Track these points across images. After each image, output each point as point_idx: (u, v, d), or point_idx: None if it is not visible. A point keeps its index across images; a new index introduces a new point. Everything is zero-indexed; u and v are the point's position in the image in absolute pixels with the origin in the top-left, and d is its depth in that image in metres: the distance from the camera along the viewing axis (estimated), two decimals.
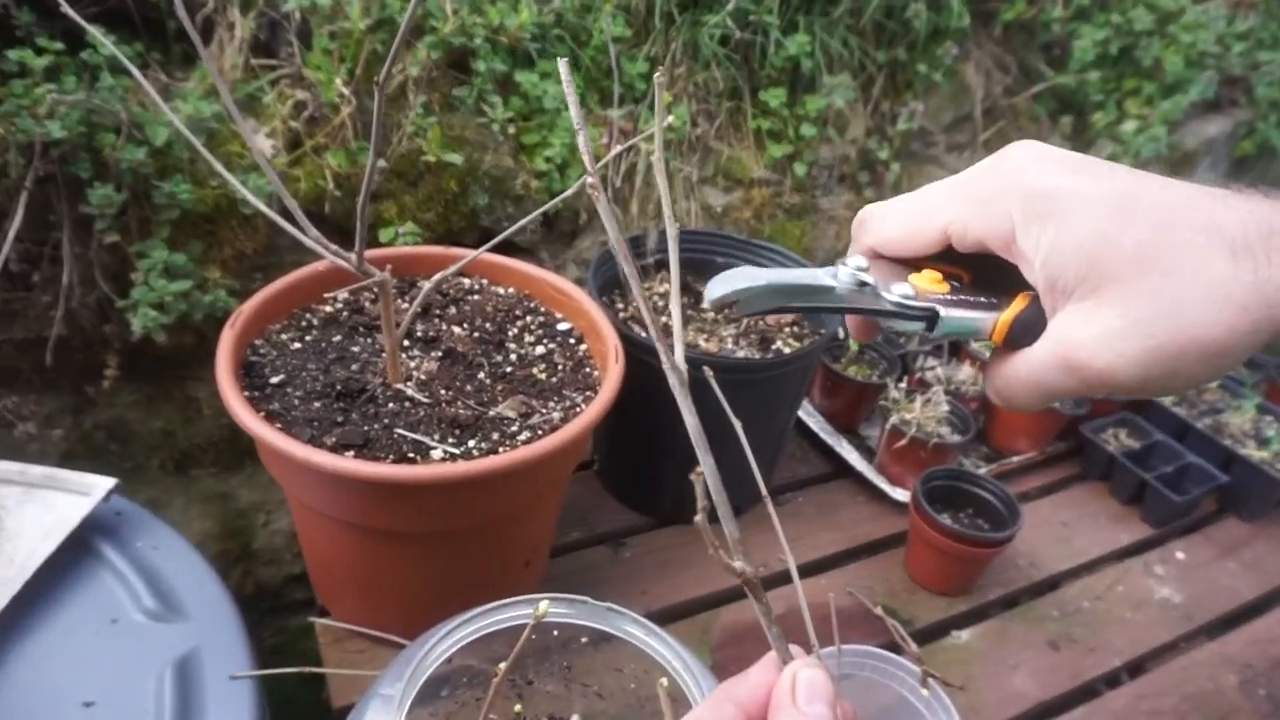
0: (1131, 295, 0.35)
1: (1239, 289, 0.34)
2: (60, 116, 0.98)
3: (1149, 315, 0.35)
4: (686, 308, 1.20)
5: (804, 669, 0.34)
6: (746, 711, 0.34)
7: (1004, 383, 0.41)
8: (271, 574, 1.38)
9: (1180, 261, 0.34)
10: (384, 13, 1.19)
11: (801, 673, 0.34)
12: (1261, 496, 1.39)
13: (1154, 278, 0.34)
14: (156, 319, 1.04)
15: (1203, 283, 0.34)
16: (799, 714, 0.33)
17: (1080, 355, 0.36)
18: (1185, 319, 0.34)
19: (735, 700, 0.35)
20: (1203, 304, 0.34)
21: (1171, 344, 0.34)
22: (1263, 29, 1.99)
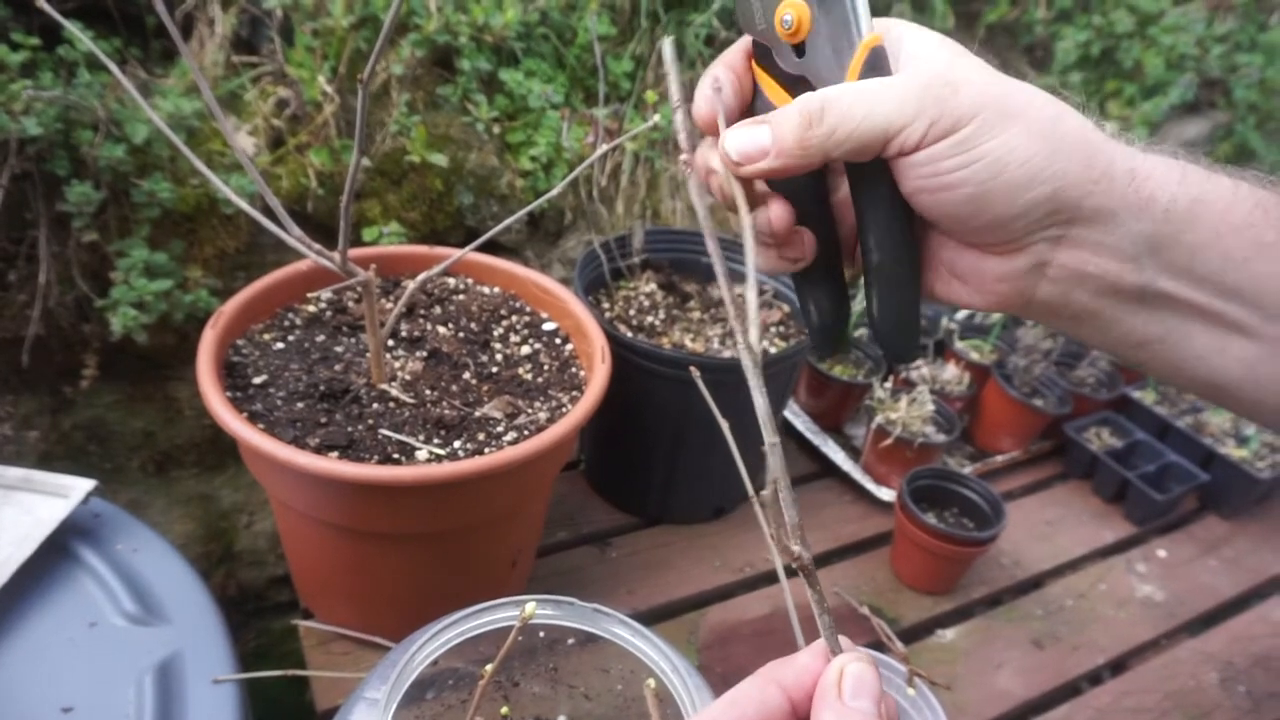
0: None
1: (1073, 127, 0.39)
2: (37, 113, 0.96)
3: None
4: (672, 307, 1.20)
5: (853, 663, 0.34)
6: (790, 696, 0.34)
7: (845, 107, 0.39)
8: (254, 576, 1.36)
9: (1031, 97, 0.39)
10: (367, 10, 1.18)
11: (850, 666, 0.34)
12: (1241, 495, 1.40)
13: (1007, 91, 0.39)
14: (136, 318, 1.02)
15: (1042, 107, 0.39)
16: (844, 708, 0.33)
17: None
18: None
19: (780, 683, 0.34)
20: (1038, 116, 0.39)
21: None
22: (1241, 32, 2.01)
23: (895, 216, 0.43)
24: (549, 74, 1.33)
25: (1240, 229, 0.39)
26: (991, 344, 1.53)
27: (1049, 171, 0.38)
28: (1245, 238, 0.39)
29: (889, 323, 0.45)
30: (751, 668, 1.06)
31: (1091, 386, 1.54)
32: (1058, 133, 0.39)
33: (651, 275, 1.23)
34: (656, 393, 1.05)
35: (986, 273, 0.43)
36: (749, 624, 1.07)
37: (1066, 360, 1.56)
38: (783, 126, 0.40)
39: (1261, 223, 0.39)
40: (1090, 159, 0.39)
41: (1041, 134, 0.38)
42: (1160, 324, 0.42)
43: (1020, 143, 0.38)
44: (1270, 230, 0.39)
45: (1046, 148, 0.38)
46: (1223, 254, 0.39)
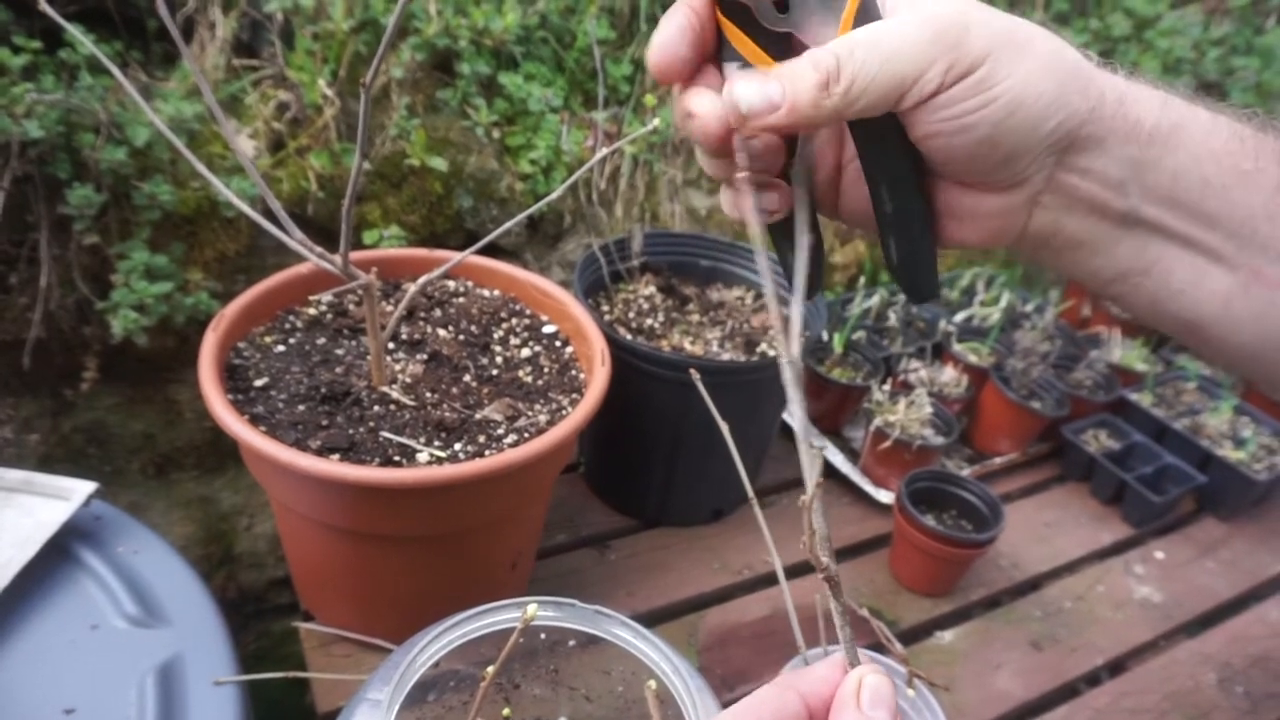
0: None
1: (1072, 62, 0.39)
2: (38, 116, 0.96)
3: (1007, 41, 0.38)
4: (671, 310, 1.20)
5: (871, 674, 0.35)
6: (808, 703, 0.35)
7: (850, 56, 0.38)
8: (254, 578, 1.36)
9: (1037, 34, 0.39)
10: (367, 14, 1.18)
11: (868, 678, 0.35)
12: (1238, 496, 1.41)
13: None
14: (137, 321, 1.02)
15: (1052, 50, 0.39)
16: (863, 716, 0.34)
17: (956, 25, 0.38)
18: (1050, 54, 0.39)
19: (798, 690, 0.35)
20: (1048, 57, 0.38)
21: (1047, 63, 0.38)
22: (1237, 35, 2.02)
23: (906, 165, 0.42)
24: (548, 78, 1.33)
25: (1219, 155, 0.40)
26: (989, 346, 1.53)
27: (1058, 104, 0.39)
28: (1224, 164, 0.40)
29: (909, 268, 0.45)
30: (751, 670, 1.06)
31: (1089, 389, 1.54)
32: (1063, 65, 0.39)
33: (651, 278, 1.24)
34: (655, 395, 1.06)
35: (982, 210, 0.43)
36: (748, 626, 1.08)
37: (1064, 363, 1.56)
38: (797, 83, 0.38)
39: (1239, 151, 0.40)
40: (1086, 88, 0.39)
41: (1049, 67, 0.39)
42: (1142, 254, 0.43)
43: (1036, 78, 0.38)
44: (1248, 159, 0.40)
45: (1055, 80, 0.39)
46: (1203, 179, 0.40)
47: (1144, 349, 1.68)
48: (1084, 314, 1.85)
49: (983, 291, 1.71)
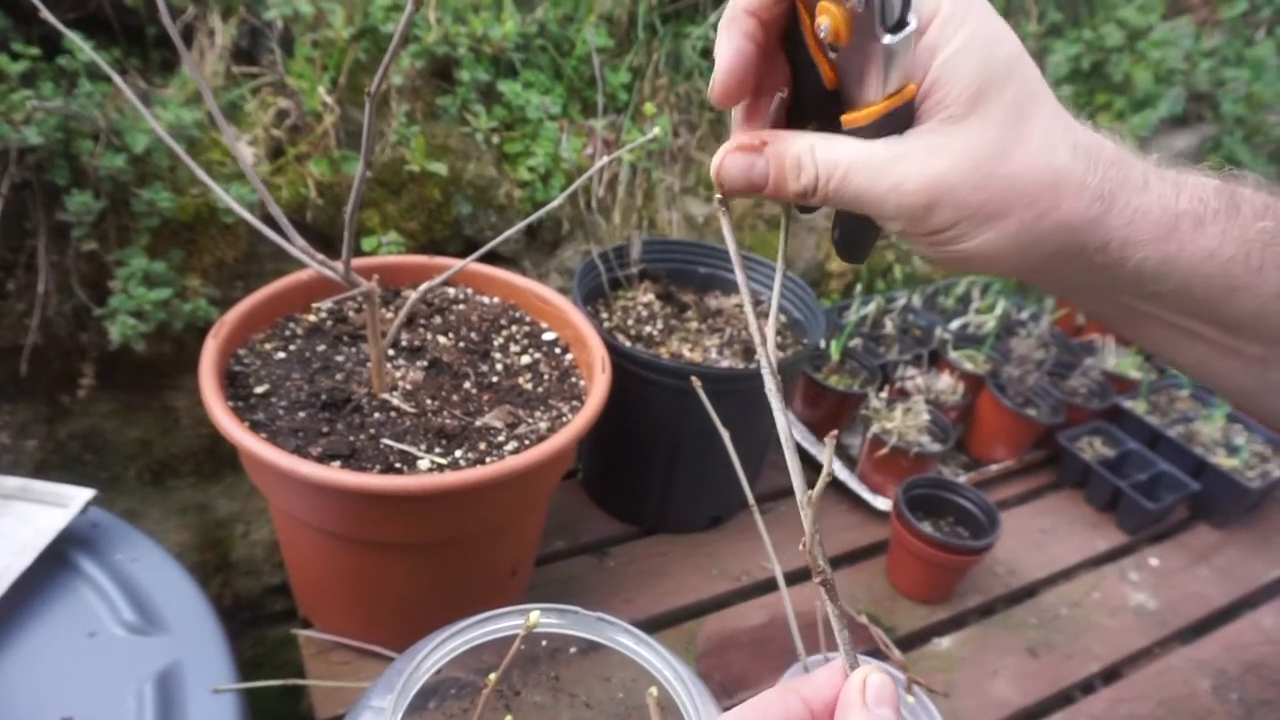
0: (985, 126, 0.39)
1: (1072, 180, 0.40)
2: (37, 122, 0.96)
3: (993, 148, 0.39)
4: (670, 317, 1.20)
5: (874, 673, 0.35)
6: (810, 706, 0.35)
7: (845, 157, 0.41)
8: (250, 585, 1.36)
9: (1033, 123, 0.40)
10: (366, 22, 1.18)
11: (872, 676, 0.35)
12: (1232, 504, 1.42)
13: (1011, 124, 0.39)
14: (135, 327, 1.02)
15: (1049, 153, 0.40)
16: (868, 714, 0.34)
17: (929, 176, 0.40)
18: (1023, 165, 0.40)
19: (801, 693, 0.36)
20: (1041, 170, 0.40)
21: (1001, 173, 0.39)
22: (1228, 47, 2.04)
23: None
24: (547, 85, 1.34)
25: (1212, 277, 0.42)
26: (985, 354, 1.54)
27: (1018, 265, 0.42)
28: (1216, 284, 0.42)
29: (842, 246, 0.50)
30: (750, 676, 1.06)
31: (1084, 396, 1.55)
32: (1038, 231, 0.40)
33: (649, 285, 1.24)
34: (654, 402, 1.06)
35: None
36: (746, 632, 1.08)
37: (1059, 370, 1.57)
38: (783, 178, 0.42)
39: (1240, 269, 0.42)
40: (1067, 245, 0.41)
41: (1018, 236, 0.40)
42: (1124, 315, 0.46)
43: (994, 247, 0.41)
44: (1246, 274, 0.42)
45: (1019, 249, 0.41)
46: (1186, 295, 0.42)
47: (1138, 357, 1.69)
48: (1078, 322, 1.86)
49: (978, 299, 1.72)
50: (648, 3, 1.39)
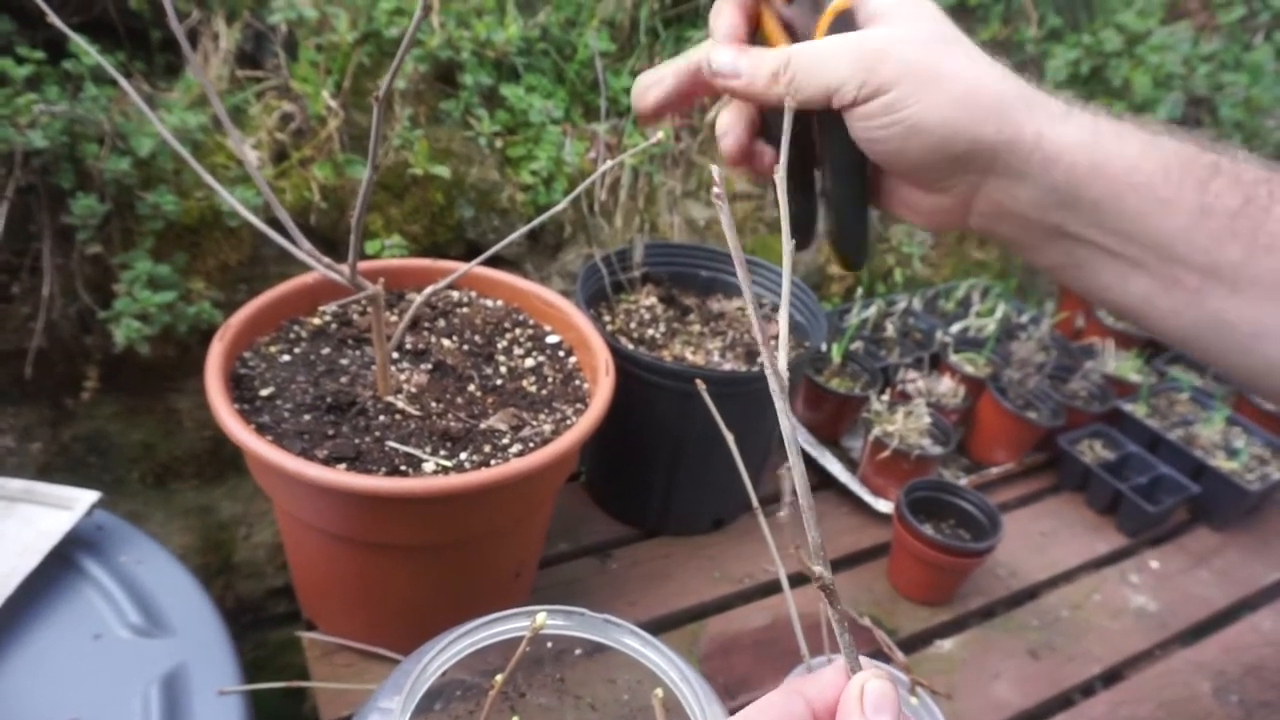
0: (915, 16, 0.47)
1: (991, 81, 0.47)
2: (42, 126, 0.97)
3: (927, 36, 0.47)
4: (672, 320, 1.21)
5: (873, 679, 0.35)
6: (813, 708, 0.36)
7: (806, 63, 0.48)
8: (252, 587, 1.36)
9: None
10: (370, 26, 1.19)
11: (870, 683, 0.35)
12: (1231, 506, 1.42)
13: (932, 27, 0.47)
14: (140, 330, 1.02)
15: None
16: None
17: (893, 58, 0.46)
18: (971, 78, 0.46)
19: (804, 695, 0.36)
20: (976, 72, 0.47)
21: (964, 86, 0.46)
22: (1226, 51, 2.05)
23: (842, 152, 0.52)
24: (549, 89, 1.34)
25: (1139, 187, 0.45)
26: (986, 357, 1.55)
27: (963, 134, 0.46)
28: (1144, 195, 0.45)
29: (836, 236, 0.56)
30: (753, 678, 1.07)
31: (1084, 400, 1.56)
32: (973, 100, 0.46)
33: (651, 289, 1.25)
34: (657, 405, 1.06)
35: (922, 205, 0.52)
36: (750, 634, 1.08)
37: (1059, 374, 1.58)
38: (758, 69, 0.49)
39: (1161, 184, 0.45)
40: (1001, 125, 0.46)
41: (959, 100, 0.46)
42: (1072, 255, 0.49)
43: (940, 108, 0.46)
44: (1169, 189, 0.45)
45: (963, 111, 0.46)
46: (1119, 210, 0.46)
47: (1138, 360, 1.70)
48: (1078, 325, 1.86)
49: (978, 302, 1.73)
50: (649, 7, 1.40)
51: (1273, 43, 2.09)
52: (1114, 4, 1.91)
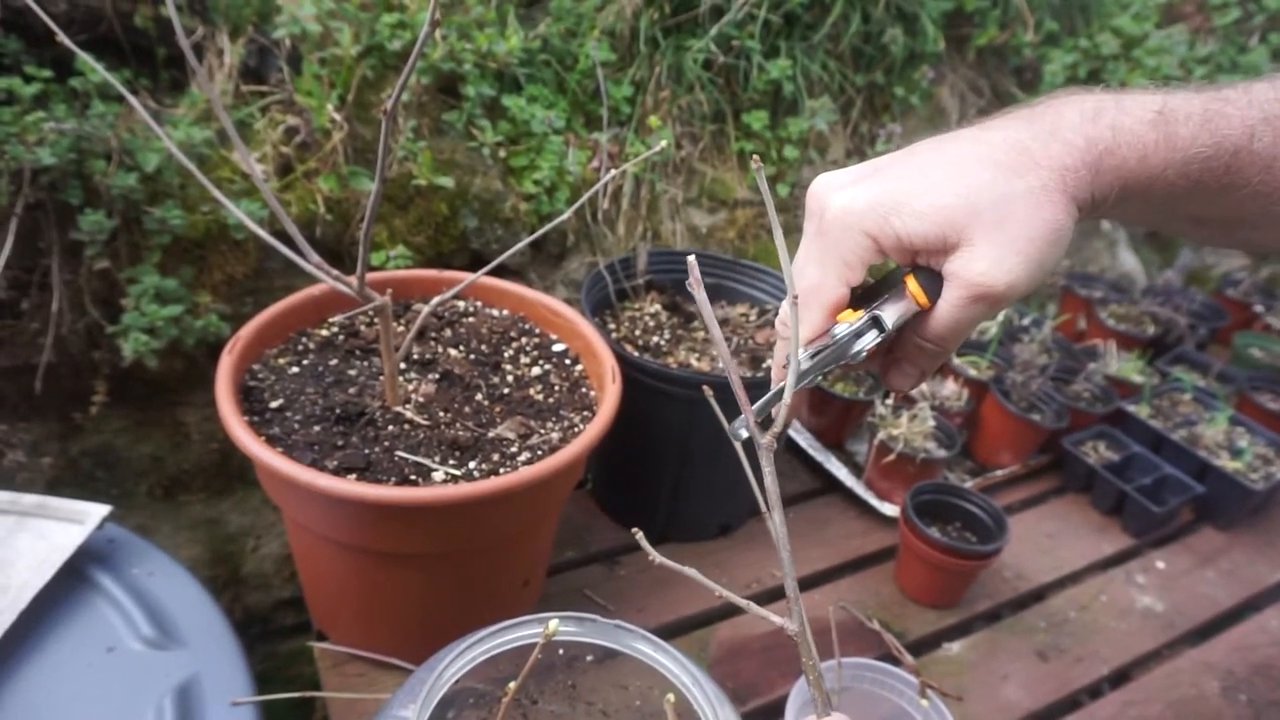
0: (987, 235, 0.47)
1: (1041, 193, 0.47)
2: (50, 143, 0.98)
3: (1006, 238, 0.47)
4: (676, 327, 1.22)
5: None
6: None
7: (939, 330, 0.51)
8: (260, 599, 1.36)
9: (996, 199, 0.47)
10: (373, 39, 1.20)
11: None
12: (1236, 506, 1.42)
13: (989, 215, 0.47)
14: (148, 344, 1.03)
15: (1018, 202, 0.47)
16: None
17: (985, 283, 0.48)
18: (1027, 229, 0.47)
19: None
20: (1029, 215, 0.47)
21: (1028, 246, 0.47)
22: (1222, 54, 2.06)
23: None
24: (551, 99, 1.35)
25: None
26: (988, 360, 1.55)
27: (1068, 227, 0.49)
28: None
29: None
30: (762, 684, 1.07)
31: (1087, 401, 1.56)
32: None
33: (655, 296, 1.25)
34: (663, 412, 1.07)
35: None
36: (758, 640, 1.08)
37: (1062, 375, 1.58)
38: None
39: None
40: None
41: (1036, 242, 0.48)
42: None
43: (1056, 252, 0.49)
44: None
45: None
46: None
47: (1140, 361, 1.71)
48: (1080, 327, 1.87)
49: None
50: (649, 16, 1.41)
51: (1268, 44, 2.10)
52: (1110, 8, 1.92)
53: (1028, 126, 0.49)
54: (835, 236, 0.51)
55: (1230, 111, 0.49)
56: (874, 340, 0.52)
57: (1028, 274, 0.48)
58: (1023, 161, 0.48)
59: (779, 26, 1.48)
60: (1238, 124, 0.48)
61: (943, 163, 0.49)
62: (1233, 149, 0.48)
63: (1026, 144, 0.48)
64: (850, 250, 0.50)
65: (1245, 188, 0.49)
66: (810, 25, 1.52)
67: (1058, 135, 0.48)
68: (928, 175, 0.49)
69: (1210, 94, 0.50)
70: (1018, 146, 0.48)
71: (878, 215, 0.49)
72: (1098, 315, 1.83)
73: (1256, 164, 0.49)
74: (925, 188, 0.48)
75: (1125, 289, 1.97)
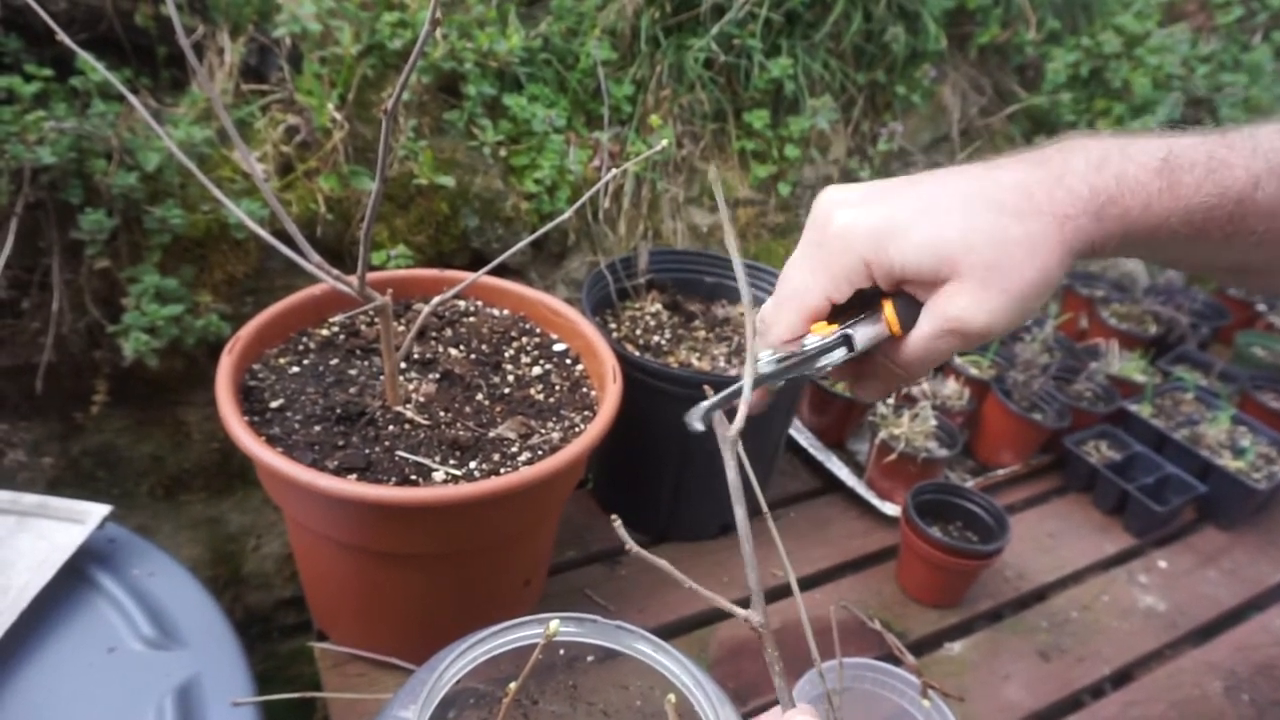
0: (977, 275, 0.48)
1: (1039, 239, 0.48)
2: (51, 142, 0.97)
3: (996, 279, 0.48)
4: (677, 327, 1.21)
5: (798, 716, 0.37)
6: None
7: (908, 358, 0.52)
8: (261, 599, 1.36)
9: (993, 240, 0.48)
10: (373, 38, 1.20)
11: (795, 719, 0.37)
12: (1238, 506, 1.42)
13: (984, 255, 0.48)
14: (148, 343, 1.03)
15: (1015, 246, 0.48)
16: None
17: (963, 319, 0.49)
18: (1018, 274, 0.48)
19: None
20: (1023, 260, 0.48)
21: (1017, 290, 0.48)
22: (1224, 52, 2.06)
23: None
24: (552, 98, 1.35)
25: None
26: (990, 359, 1.55)
27: (1056, 276, 0.49)
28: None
29: None
30: (763, 683, 1.06)
31: (1089, 400, 1.56)
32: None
33: (656, 295, 1.25)
34: (664, 411, 1.06)
35: None
36: (759, 640, 1.08)
37: (1064, 375, 1.58)
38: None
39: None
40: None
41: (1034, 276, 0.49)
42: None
43: (1040, 298, 0.49)
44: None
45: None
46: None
47: (1142, 360, 1.70)
48: (1081, 326, 1.86)
49: None
50: (650, 16, 1.40)
51: (1271, 43, 2.10)
52: (1112, 6, 1.92)
53: (1035, 170, 0.49)
54: (832, 251, 0.51)
55: (1234, 160, 0.48)
56: (840, 358, 0.53)
57: (1008, 317, 0.49)
58: (1026, 205, 0.48)
59: (780, 25, 1.48)
60: (1241, 173, 0.48)
61: (947, 197, 0.50)
62: (1236, 198, 0.48)
63: (1031, 188, 0.49)
64: (842, 268, 0.51)
65: (1250, 236, 0.49)
66: (812, 24, 1.52)
67: (1063, 182, 0.48)
68: (931, 209, 0.49)
69: (1215, 140, 0.50)
70: (1023, 190, 0.49)
71: (877, 241, 0.50)
72: (1099, 314, 1.82)
73: (1260, 213, 0.49)
74: (927, 221, 0.49)
75: (1127, 288, 1.97)
